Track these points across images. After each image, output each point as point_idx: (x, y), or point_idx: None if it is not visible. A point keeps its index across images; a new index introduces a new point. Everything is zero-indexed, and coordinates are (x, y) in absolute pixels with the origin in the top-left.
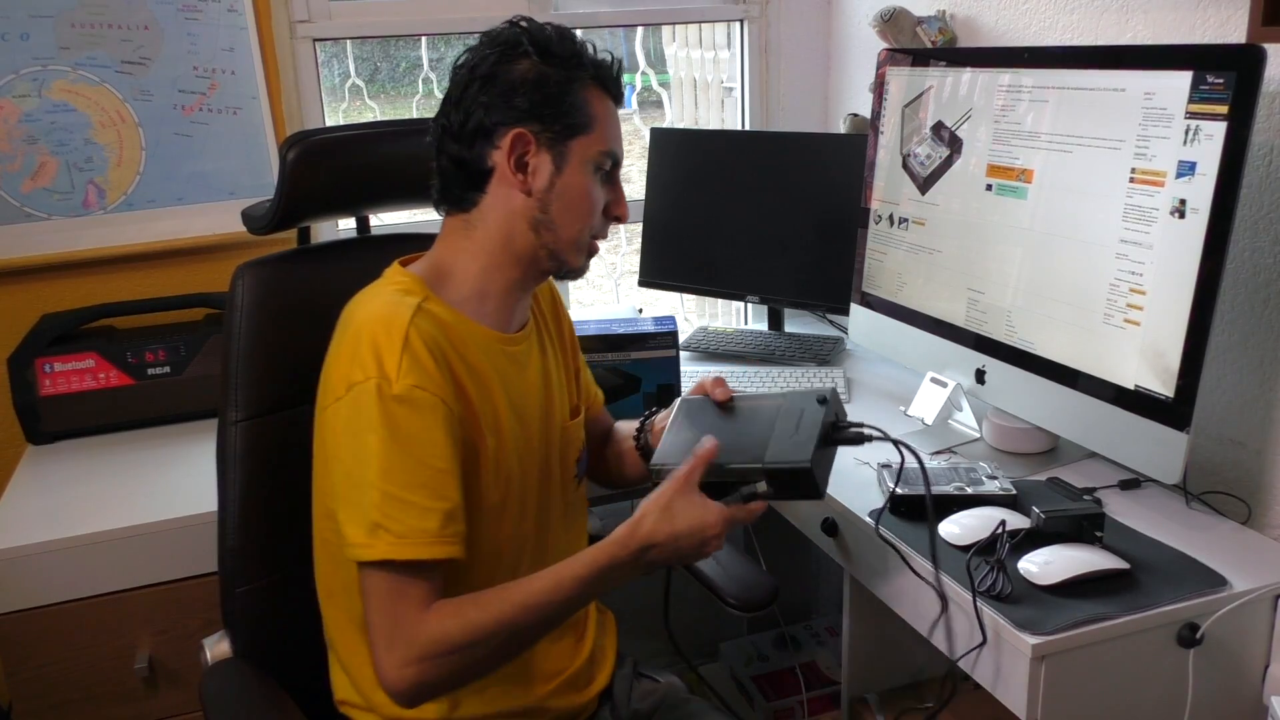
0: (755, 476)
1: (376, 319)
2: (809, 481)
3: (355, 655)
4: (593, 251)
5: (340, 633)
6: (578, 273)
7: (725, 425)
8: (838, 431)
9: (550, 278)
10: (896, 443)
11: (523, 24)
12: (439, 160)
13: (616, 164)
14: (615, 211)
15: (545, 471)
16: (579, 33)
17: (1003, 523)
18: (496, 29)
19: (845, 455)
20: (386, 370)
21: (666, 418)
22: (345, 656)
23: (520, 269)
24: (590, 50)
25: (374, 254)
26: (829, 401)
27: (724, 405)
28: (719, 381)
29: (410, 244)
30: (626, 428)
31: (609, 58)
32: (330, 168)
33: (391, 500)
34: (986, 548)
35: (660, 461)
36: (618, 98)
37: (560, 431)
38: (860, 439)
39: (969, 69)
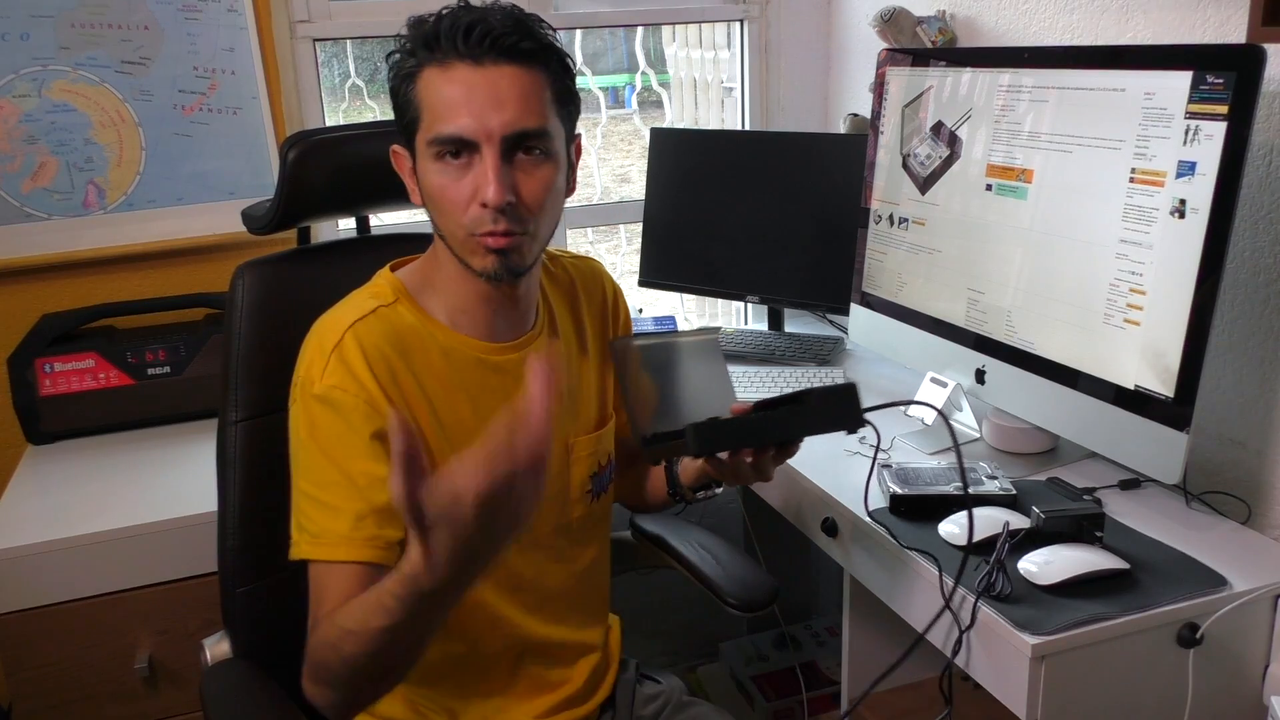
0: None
1: (326, 322)
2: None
3: None
4: (490, 247)
5: None
6: (488, 275)
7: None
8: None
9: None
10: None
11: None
12: None
13: (455, 142)
14: (476, 198)
15: None
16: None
17: (1006, 523)
18: None
19: (842, 453)
20: (313, 372)
21: None
22: None
23: (472, 277)
24: (427, 22)
25: (374, 254)
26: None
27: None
28: None
29: (409, 244)
30: None
31: (446, 13)
32: (330, 168)
33: (308, 499)
34: (986, 547)
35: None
36: (468, 56)
37: (564, 447)
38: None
39: (969, 69)
